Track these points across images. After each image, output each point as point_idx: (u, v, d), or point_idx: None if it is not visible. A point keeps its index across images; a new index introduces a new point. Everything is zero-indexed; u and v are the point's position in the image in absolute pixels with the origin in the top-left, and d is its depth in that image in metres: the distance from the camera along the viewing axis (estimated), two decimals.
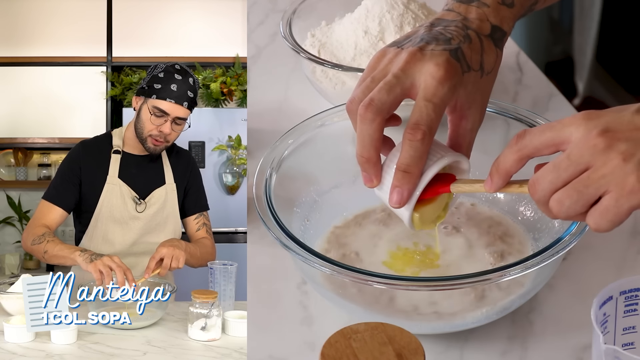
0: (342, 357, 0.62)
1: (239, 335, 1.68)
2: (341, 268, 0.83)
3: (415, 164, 0.80)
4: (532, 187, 0.74)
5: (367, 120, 0.81)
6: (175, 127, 2.01)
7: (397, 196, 0.81)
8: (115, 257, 1.83)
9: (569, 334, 0.92)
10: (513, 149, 0.76)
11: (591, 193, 0.70)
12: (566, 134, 0.72)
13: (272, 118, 1.27)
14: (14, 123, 3.94)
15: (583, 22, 2.05)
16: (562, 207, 0.72)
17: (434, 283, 0.82)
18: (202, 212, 2.20)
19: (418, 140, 0.79)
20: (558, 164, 0.72)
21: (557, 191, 0.72)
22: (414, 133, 0.79)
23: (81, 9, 3.98)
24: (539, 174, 0.74)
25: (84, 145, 2.12)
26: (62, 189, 2.06)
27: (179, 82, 1.98)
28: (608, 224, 0.71)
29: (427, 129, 0.79)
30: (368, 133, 0.81)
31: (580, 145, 0.70)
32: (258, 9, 1.52)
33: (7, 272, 3.75)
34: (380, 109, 0.80)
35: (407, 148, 0.79)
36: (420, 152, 0.79)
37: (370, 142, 0.81)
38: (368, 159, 0.82)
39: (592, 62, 1.98)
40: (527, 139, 0.75)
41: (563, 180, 0.72)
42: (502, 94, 1.30)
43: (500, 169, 0.77)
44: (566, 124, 0.72)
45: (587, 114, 0.72)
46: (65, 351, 1.56)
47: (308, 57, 1.17)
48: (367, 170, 0.83)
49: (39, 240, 1.95)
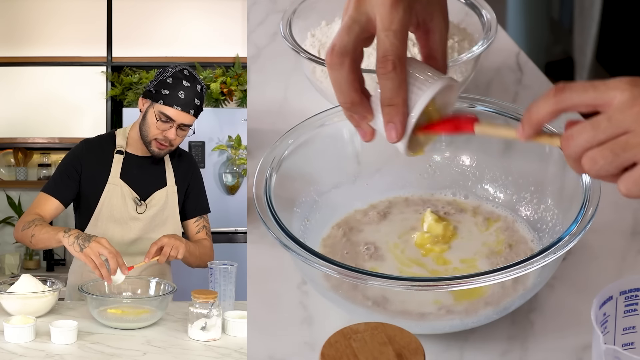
0: (342, 357, 0.62)
1: (239, 335, 1.68)
2: (341, 268, 0.83)
3: (397, 94, 0.80)
4: (566, 141, 0.73)
5: (335, 66, 0.80)
6: (180, 132, 2.02)
7: (392, 131, 0.81)
8: (103, 240, 1.81)
9: (569, 334, 0.93)
10: (550, 100, 0.74)
11: (627, 157, 0.70)
12: (609, 96, 0.71)
13: (272, 118, 1.27)
14: (14, 123, 3.93)
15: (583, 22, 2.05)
16: (594, 166, 0.72)
17: (434, 283, 0.82)
18: (203, 214, 2.20)
19: (390, 72, 0.78)
20: (597, 124, 0.71)
21: (592, 149, 0.71)
22: (384, 66, 0.79)
23: (81, 9, 3.98)
24: (575, 130, 0.73)
25: (87, 144, 2.13)
26: (60, 183, 2.06)
27: (187, 89, 1.97)
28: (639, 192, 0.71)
29: (395, 57, 0.78)
30: (342, 77, 0.81)
31: (624, 109, 0.70)
32: (258, 9, 1.52)
33: (7, 272, 3.75)
34: (344, 50, 0.80)
35: (383, 82, 0.79)
36: (397, 82, 0.79)
37: (347, 86, 0.81)
38: (352, 102, 0.82)
39: (592, 62, 1.98)
40: (567, 94, 0.73)
41: (599, 140, 0.71)
42: (502, 94, 1.30)
43: (532, 118, 0.76)
44: (610, 87, 0.71)
45: (634, 79, 0.71)
46: (65, 351, 1.56)
47: (308, 57, 1.18)
48: (356, 111, 0.83)
49: (28, 225, 1.95)
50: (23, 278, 1.81)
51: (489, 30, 1.19)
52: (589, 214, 0.86)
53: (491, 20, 1.20)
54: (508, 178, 1.04)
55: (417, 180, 1.08)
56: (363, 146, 1.05)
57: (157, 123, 1.98)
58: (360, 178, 1.06)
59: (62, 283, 1.87)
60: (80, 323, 1.66)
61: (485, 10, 1.22)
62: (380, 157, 1.06)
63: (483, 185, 1.06)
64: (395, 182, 1.07)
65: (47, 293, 1.79)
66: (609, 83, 0.72)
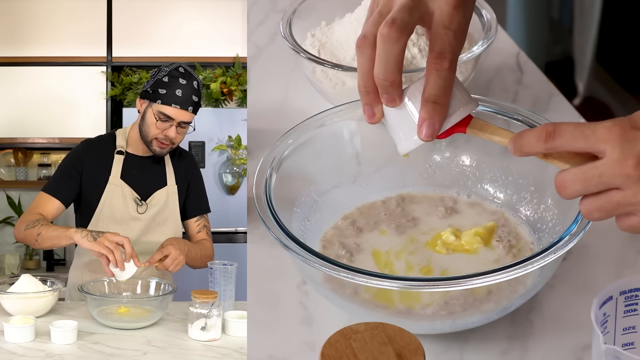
0: (342, 357, 0.62)
1: (239, 335, 1.68)
2: (341, 268, 0.83)
3: (444, 94, 0.78)
4: (559, 187, 0.75)
5: (391, 40, 0.77)
6: (180, 130, 2.02)
7: (429, 129, 0.79)
8: (117, 233, 1.85)
9: (569, 334, 0.93)
10: (540, 144, 0.75)
11: (620, 212, 0.73)
12: (600, 148, 0.72)
13: (272, 118, 1.27)
14: (14, 123, 3.93)
15: (583, 22, 2.05)
16: (590, 217, 0.75)
17: (434, 283, 0.82)
18: (204, 214, 2.21)
19: (445, 70, 0.77)
20: (588, 179, 0.72)
21: (586, 199, 0.74)
22: (440, 62, 0.77)
23: (81, 9, 3.98)
24: (567, 178, 0.74)
25: (88, 144, 2.13)
26: (61, 183, 2.07)
27: (184, 86, 1.98)
28: (635, 232, 0.75)
29: (452, 57, 0.77)
30: (393, 54, 0.78)
31: (614, 170, 0.71)
32: (258, 9, 1.52)
33: (7, 272, 3.75)
34: (405, 27, 0.77)
35: (434, 78, 0.78)
36: (448, 82, 0.78)
37: (395, 64, 0.78)
38: (392, 82, 0.79)
39: (592, 62, 1.98)
40: (557, 141, 0.74)
41: (591, 192, 0.73)
42: (502, 94, 1.30)
43: (524, 151, 0.76)
44: (600, 139, 0.71)
45: (623, 132, 0.71)
46: (65, 351, 1.56)
47: (308, 57, 1.18)
48: (391, 92, 0.80)
49: (32, 224, 1.95)
50: (23, 278, 1.81)
51: (489, 30, 1.19)
52: None
53: (491, 20, 1.20)
54: (508, 178, 1.04)
55: (417, 180, 1.07)
56: (363, 146, 1.06)
57: (157, 123, 1.99)
58: (360, 178, 1.06)
59: (62, 283, 1.87)
60: (80, 323, 1.66)
61: (485, 10, 1.22)
62: (380, 157, 1.06)
63: (483, 185, 1.06)
64: (395, 182, 1.07)
65: (47, 293, 1.80)
66: (599, 133, 0.71)
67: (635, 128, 0.71)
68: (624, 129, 0.71)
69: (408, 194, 1.07)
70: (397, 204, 1.05)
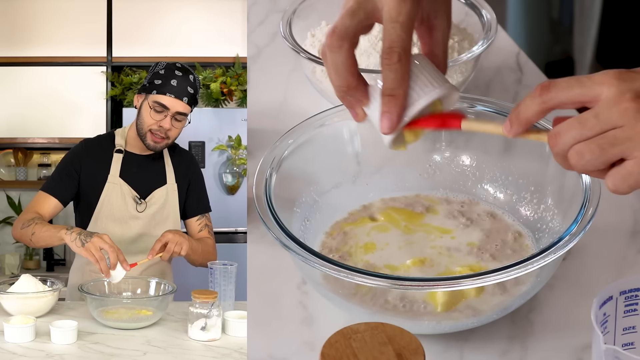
0: (342, 357, 0.62)
1: (239, 335, 1.68)
2: (341, 268, 0.83)
3: (399, 85, 0.80)
4: (553, 139, 0.73)
5: (333, 48, 0.81)
6: (176, 123, 2.01)
7: (387, 122, 0.81)
8: (105, 236, 1.83)
9: (569, 334, 0.93)
10: (536, 100, 0.74)
11: (615, 153, 0.70)
12: (596, 91, 0.70)
13: (272, 118, 1.27)
14: (14, 123, 3.93)
15: (583, 22, 2.05)
16: (581, 160, 0.71)
17: (434, 283, 0.82)
18: (205, 213, 2.20)
19: (395, 63, 0.79)
20: (584, 121, 0.70)
21: (580, 143, 0.71)
22: (389, 57, 0.79)
23: (81, 9, 3.98)
24: (562, 127, 0.72)
25: (87, 143, 2.13)
26: (60, 182, 2.07)
27: (180, 78, 1.99)
28: (627, 189, 0.71)
29: (400, 49, 0.78)
30: (340, 60, 0.81)
31: (611, 106, 0.69)
32: (258, 9, 1.52)
33: (7, 272, 3.75)
34: (345, 33, 0.80)
35: (386, 72, 0.79)
36: (401, 73, 0.79)
37: (345, 69, 0.81)
38: (348, 86, 0.82)
39: (592, 62, 1.98)
40: (552, 92, 0.73)
41: (587, 137, 0.71)
42: (502, 94, 1.30)
43: (520, 117, 0.76)
44: (597, 82, 0.70)
45: (620, 73, 0.70)
46: (65, 351, 1.56)
47: (308, 57, 1.18)
48: (352, 95, 0.83)
49: (27, 223, 1.95)
50: (23, 278, 1.81)
51: (489, 30, 1.19)
52: (589, 214, 0.86)
53: (491, 20, 1.20)
54: (508, 178, 1.04)
55: (417, 180, 1.08)
56: (363, 146, 1.06)
57: (151, 112, 1.99)
58: (360, 178, 1.06)
59: (62, 283, 1.87)
60: (80, 323, 1.66)
61: (485, 10, 1.22)
62: (380, 157, 1.06)
63: (483, 185, 1.06)
64: (395, 182, 1.07)
65: (47, 293, 1.80)
66: (595, 78, 0.71)
67: (631, 71, 0.70)
68: (620, 72, 0.70)
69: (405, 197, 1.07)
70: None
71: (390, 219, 1.03)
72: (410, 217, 1.03)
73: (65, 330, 1.60)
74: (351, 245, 1.00)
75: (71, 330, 1.61)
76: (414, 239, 1.00)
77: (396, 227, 1.02)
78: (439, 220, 1.02)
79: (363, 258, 0.98)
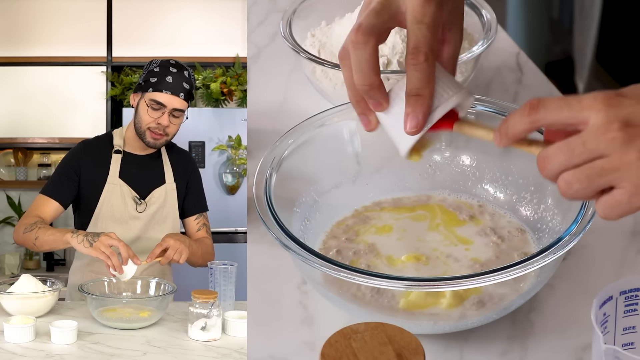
0: (342, 357, 0.62)
1: (239, 335, 1.68)
2: (341, 268, 0.83)
3: (426, 85, 0.79)
4: (541, 163, 0.73)
5: (359, 44, 0.80)
6: (174, 119, 2.02)
7: (413, 121, 0.80)
8: (112, 234, 1.84)
9: (569, 334, 0.93)
10: (524, 119, 0.74)
11: (602, 182, 0.70)
12: (584, 116, 0.70)
13: (272, 118, 1.27)
14: (14, 123, 3.93)
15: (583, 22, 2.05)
16: (569, 189, 0.71)
17: (433, 283, 0.82)
18: (202, 212, 2.21)
19: (422, 63, 0.78)
20: (572, 148, 0.70)
21: (567, 171, 0.71)
22: (416, 56, 0.78)
23: (81, 9, 3.98)
24: (550, 152, 0.72)
25: (86, 144, 2.13)
26: (59, 184, 2.07)
27: (174, 74, 1.99)
28: (616, 217, 0.71)
29: (427, 49, 0.78)
30: (364, 57, 0.80)
31: (598, 134, 0.69)
32: (258, 9, 1.52)
33: (7, 272, 3.75)
34: (371, 30, 0.80)
35: (413, 72, 0.79)
36: (427, 73, 0.79)
37: (369, 67, 0.80)
38: (371, 85, 0.81)
39: (592, 62, 1.98)
40: (540, 112, 0.73)
41: (574, 164, 0.71)
42: (502, 94, 1.30)
43: (509, 132, 0.76)
44: (585, 106, 0.70)
45: (608, 98, 0.69)
46: (65, 351, 1.56)
47: (308, 57, 1.18)
48: (374, 96, 0.82)
49: (30, 228, 1.95)
50: (23, 278, 1.81)
51: (489, 30, 1.19)
52: (589, 214, 0.86)
53: (491, 20, 1.20)
54: (508, 178, 1.04)
55: (417, 180, 1.08)
56: (363, 146, 1.06)
57: (149, 110, 1.99)
58: (360, 178, 1.06)
59: (62, 283, 1.87)
60: (80, 323, 1.66)
61: (485, 10, 1.22)
62: (380, 157, 1.06)
63: (483, 185, 1.06)
64: (395, 182, 1.07)
65: (47, 293, 1.80)
66: (584, 101, 0.70)
67: (620, 95, 0.70)
68: (609, 96, 0.70)
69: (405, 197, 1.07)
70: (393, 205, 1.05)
71: (430, 211, 1.03)
72: (450, 220, 1.03)
73: (65, 330, 1.60)
74: (367, 226, 1.00)
75: (71, 330, 1.61)
76: (427, 237, 1.00)
77: (420, 220, 1.02)
78: (468, 232, 1.02)
79: (369, 238, 0.98)
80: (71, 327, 1.61)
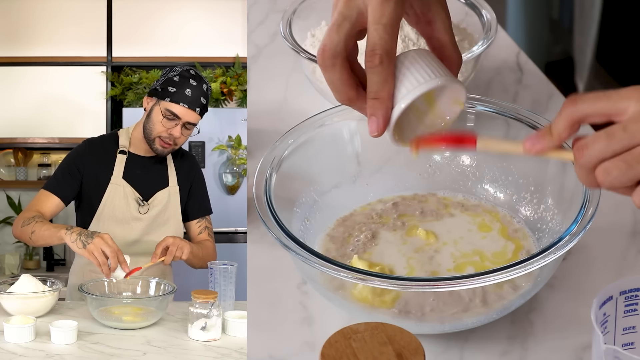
0: (342, 357, 0.62)
1: (239, 335, 1.68)
2: (341, 268, 0.83)
3: (382, 88, 0.79)
4: (579, 151, 0.72)
5: (327, 67, 0.81)
6: (185, 131, 2.02)
7: (373, 125, 0.81)
8: (106, 236, 1.83)
9: (569, 334, 0.93)
10: (562, 113, 0.73)
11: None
12: (623, 105, 0.70)
13: (272, 118, 1.27)
14: (14, 123, 3.94)
15: (583, 22, 2.05)
16: (607, 177, 0.70)
17: (434, 283, 0.82)
18: (205, 215, 2.21)
19: (377, 65, 0.78)
20: (612, 134, 0.70)
21: (605, 160, 0.70)
22: (371, 60, 0.78)
23: (81, 9, 3.98)
24: (589, 140, 0.71)
25: (90, 143, 2.13)
26: (62, 180, 2.07)
27: (194, 87, 1.98)
28: None
29: (382, 52, 0.78)
30: (335, 78, 0.81)
31: (639, 120, 0.68)
32: (258, 9, 1.52)
33: (7, 272, 3.75)
34: (335, 51, 0.80)
35: (370, 76, 0.79)
36: (384, 76, 0.79)
37: (342, 85, 0.81)
38: (349, 99, 0.82)
39: (592, 62, 1.98)
40: (579, 104, 0.72)
41: (613, 151, 0.70)
42: (502, 94, 1.30)
43: (552, 131, 0.75)
44: (624, 96, 0.70)
45: None
46: (65, 351, 1.56)
47: (308, 57, 1.18)
48: (357, 107, 0.83)
49: (28, 222, 1.95)
50: (23, 278, 1.81)
51: (489, 30, 1.19)
52: (589, 214, 0.86)
53: (491, 20, 1.20)
54: (508, 178, 1.04)
55: (417, 180, 1.07)
56: (363, 146, 1.06)
57: (163, 120, 1.98)
58: (360, 178, 1.06)
59: (62, 283, 1.87)
60: (80, 323, 1.66)
61: (485, 10, 1.22)
62: (380, 157, 1.06)
63: (483, 185, 1.06)
64: (395, 182, 1.07)
65: (47, 293, 1.79)
66: (622, 92, 0.71)
67: None
68: None
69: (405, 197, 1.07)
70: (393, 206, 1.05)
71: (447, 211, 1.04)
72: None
73: (65, 330, 1.60)
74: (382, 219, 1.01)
75: (71, 330, 1.61)
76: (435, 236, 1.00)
77: None
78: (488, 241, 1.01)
79: (371, 227, 0.99)
80: (71, 327, 1.61)
